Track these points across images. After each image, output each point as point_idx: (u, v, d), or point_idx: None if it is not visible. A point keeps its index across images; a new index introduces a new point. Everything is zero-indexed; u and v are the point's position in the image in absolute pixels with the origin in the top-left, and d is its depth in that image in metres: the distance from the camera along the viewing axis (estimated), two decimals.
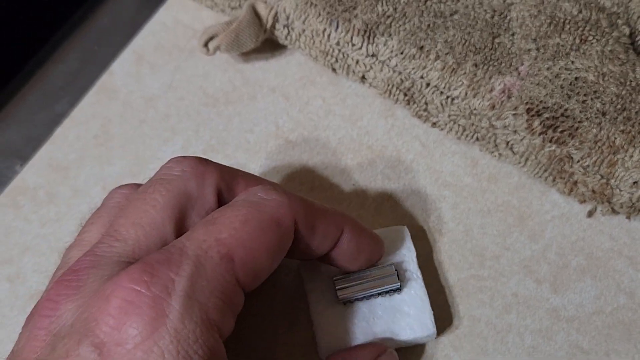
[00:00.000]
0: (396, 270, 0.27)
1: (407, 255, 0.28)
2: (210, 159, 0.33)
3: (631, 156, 0.28)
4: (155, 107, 0.34)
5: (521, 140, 0.30)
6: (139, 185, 0.25)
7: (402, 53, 0.31)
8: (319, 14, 0.32)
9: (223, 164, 0.25)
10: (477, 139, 0.31)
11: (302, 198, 0.23)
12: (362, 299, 0.27)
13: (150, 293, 0.18)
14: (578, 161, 0.29)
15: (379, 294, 0.27)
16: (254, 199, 0.22)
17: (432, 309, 0.27)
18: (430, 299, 0.27)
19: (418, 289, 0.27)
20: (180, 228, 0.22)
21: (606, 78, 0.30)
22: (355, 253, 0.26)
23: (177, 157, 0.24)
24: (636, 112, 0.29)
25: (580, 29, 0.31)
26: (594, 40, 0.31)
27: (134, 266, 0.19)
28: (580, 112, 0.29)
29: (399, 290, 0.27)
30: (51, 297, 0.20)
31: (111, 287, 0.19)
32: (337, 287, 0.27)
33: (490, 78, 0.30)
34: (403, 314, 0.27)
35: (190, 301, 0.19)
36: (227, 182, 0.24)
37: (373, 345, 0.26)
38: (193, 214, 0.22)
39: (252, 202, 0.22)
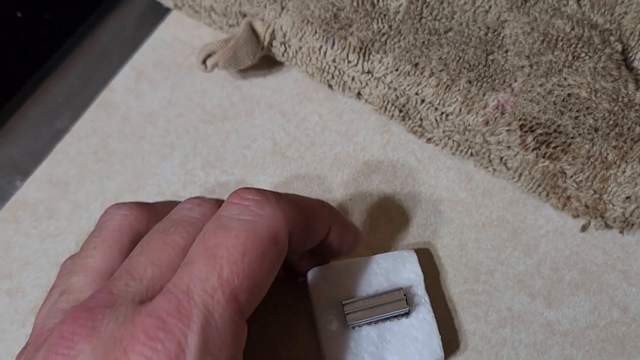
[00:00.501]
0: (405, 295, 0.27)
1: (415, 279, 0.28)
2: (208, 174, 0.33)
3: (623, 171, 0.29)
4: (154, 123, 0.35)
5: (515, 155, 0.30)
6: (137, 204, 0.25)
7: (397, 70, 0.31)
8: (315, 32, 0.32)
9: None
10: (472, 154, 0.32)
11: (294, 201, 0.23)
12: (370, 323, 0.27)
13: (165, 350, 0.19)
14: (571, 176, 0.29)
15: (387, 319, 0.27)
16: (248, 217, 0.21)
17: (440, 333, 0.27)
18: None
19: (426, 314, 0.27)
20: None
21: (598, 94, 0.30)
22: (337, 248, 0.26)
23: (197, 198, 0.24)
24: (628, 128, 0.29)
25: (573, 46, 0.32)
26: (587, 57, 0.31)
27: (147, 318, 0.19)
28: (573, 128, 0.29)
29: (407, 314, 0.27)
30: (65, 335, 0.20)
31: (128, 339, 0.19)
32: (346, 312, 0.27)
33: (484, 94, 0.30)
34: (411, 338, 0.27)
35: (203, 356, 0.19)
36: None
37: None
38: None
39: (247, 222, 0.21)
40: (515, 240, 0.31)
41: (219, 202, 0.24)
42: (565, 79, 0.31)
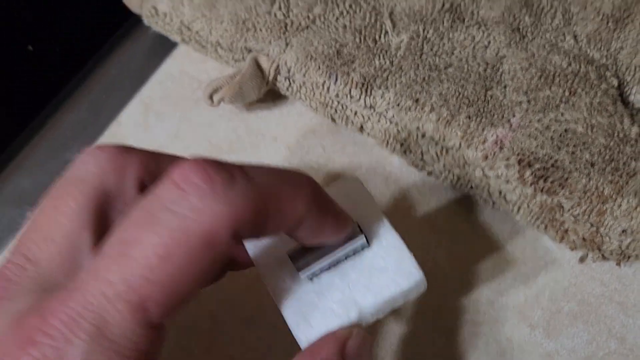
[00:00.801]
0: (356, 222, 0.23)
1: (366, 203, 0.24)
2: None
3: (619, 205, 0.29)
4: None
5: (513, 189, 0.31)
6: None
7: (398, 105, 0.32)
8: (319, 67, 0.33)
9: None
10: (471, 187, 0.32)
11: (252, 189, 0.18)
12: (328, 267, 0.23)
13: (42, 357, 0.17)
14: (568, 210, 0.30)
15: (345, 257, 0.23)
16: (181, 211, 0.17)
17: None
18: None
19: (389, 237, 0.23)
20: (100, 232, 0.20)
21: (595, 129, 0.31)
22: (310, 237, 0.21)
23: (94, 149, 0.21)
24: (624, 163, 0.30)
25: (570, 81, 0.32)
26: (583, 93, 0.32)
27: (34, 317, 0.17)
28: (570, 162, 0.30)
29: (366, 244, 0.23)
30: None
31: (11, 340, 0.17)
32: (295, 264, 0.22)
33: (483, 130, 0.31)
34: (380, 269, 0.23)
35: None
36: (152, 172, 0.21)
37: (335, 335, 0.22)
38: (113, 214, 0.20)
39: (178, 218, 0.17)
40: (514, 271, 0.32)
41: (121, 149, 0.21)
42: (562, 114, 0.31)
